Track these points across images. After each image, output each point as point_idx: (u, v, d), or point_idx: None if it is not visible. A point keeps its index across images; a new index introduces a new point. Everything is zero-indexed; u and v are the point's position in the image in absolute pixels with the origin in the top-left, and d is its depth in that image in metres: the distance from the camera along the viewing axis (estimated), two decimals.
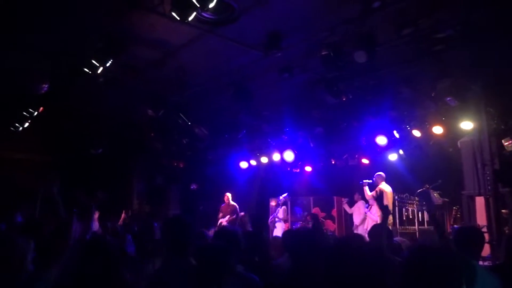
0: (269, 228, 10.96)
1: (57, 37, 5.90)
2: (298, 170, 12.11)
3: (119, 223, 8.69)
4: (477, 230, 3.98)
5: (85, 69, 5.56)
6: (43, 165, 10.03)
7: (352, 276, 1.58)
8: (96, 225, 9.38)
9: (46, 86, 6.24)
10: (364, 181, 9.18)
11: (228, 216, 10.40)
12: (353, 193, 10.60)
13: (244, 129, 9.88)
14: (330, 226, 11.34)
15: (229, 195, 10.67)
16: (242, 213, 11.17)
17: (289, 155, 10.52)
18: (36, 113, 7.67)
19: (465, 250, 3.21)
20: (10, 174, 9.24)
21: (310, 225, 9.12)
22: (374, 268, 1.62)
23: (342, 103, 7.40)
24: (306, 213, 11.05)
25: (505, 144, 6.74)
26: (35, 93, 6.38)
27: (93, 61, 5.53)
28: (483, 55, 5.81)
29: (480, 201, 6.79)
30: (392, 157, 10.07)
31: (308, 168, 11.97)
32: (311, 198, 12.15)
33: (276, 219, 10.94)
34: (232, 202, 10.58)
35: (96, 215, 9.43)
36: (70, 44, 6.04)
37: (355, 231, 9.73)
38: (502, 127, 6.76)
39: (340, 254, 1.65)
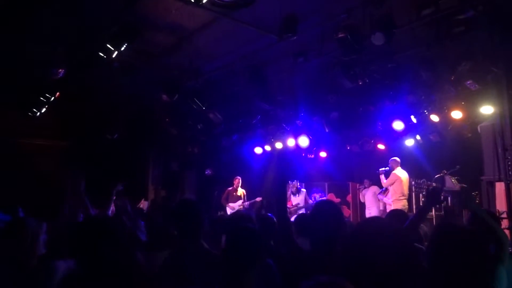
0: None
1: (72, 22, 5.91)
2: (312, 156, 12.03)
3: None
4: (491, 214, 3.89)
5: (100, 54, 5.56)
6: (62, 151, 10.18)
7: (373, 258, 1.54)
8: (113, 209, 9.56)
9: (62, 71, 6.28)
10: (381, 169, 9.07)
11: (241, 201, 10.40)
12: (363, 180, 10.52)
13: (258, 115, 9.83)
14: (345, 212, 11.30)
15: (239, 179, 10.62)
16: (260, 198, 11.16)
17: (304, 141, 10.45)
18: (52, 98, 7.75)
19: None
20: (30, 159, 9.41)
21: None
22: (396, 249, 1.56)
23: (358, 87, 7.28)
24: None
25: None
26: (51, 78, 6.43)
27: (108, 46, 5.52)
28: (505, 36, 5.62)
29: (500, 187, 6.64)
30: (409, 142, 9.92)
31: (323, 154, 11.89)
32: (326, 184, 12.11)
33: (296, 208, 10.76)
34: (241, 188, 10.56)
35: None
36: (85, 29, 6.05)
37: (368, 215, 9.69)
38: None
39: (361, 236, 1.60)
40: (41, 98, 7.76)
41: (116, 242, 2.15)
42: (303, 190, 10.86)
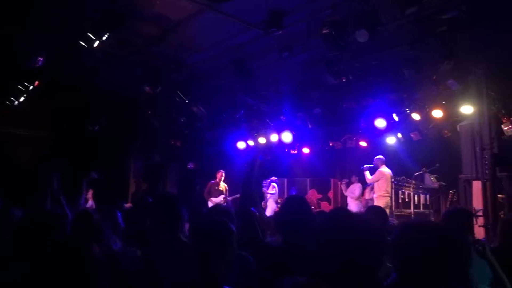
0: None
1: (53, 8, 5.76)
2: (295, 152, 12.09)
3: None
4: (464, 211, 3.96)
5: (81, 43, 5.44)
6: (43, 141, 9.97)
7: (342, 249, 1.51)
8: (91, 203, 9.40)
9: (41, 59, 6.11)
10: (365, 166, 9.17)
11: (223, 196, 10.38)
12: (350, 176, 10.64)
13: (242, 109, 9.79)
14: (326, 208, 11.40)
15: (222, 172, 10.62)
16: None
17: (287, 136, 10.47)
18: (31, 87, 7.55)
19: None
20: (9, 150, 9.19)
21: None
22: (365, 241, 1.54)
23: (341, 84, 7.32)
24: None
25: (505, 129, 6.72)
26: (30, 66, 6.25)
27: (89, 34, 5.40)
28: (487, 37, 5.72)
29: (477, 185, 6.79)
30: (391, 140, 10.06)
31: (305, 150, 11.95)
32: (308, 180, 12.19)
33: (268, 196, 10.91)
34: (223, 182, 10.55)
35: (90, 194, 9.44)
36: (66, 16, 5.90)
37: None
38: (503, 111, 6.72)
39: (330, 228, 1.59)
40: (20, 87, 7.55)
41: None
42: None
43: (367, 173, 9.03)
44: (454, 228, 2.76)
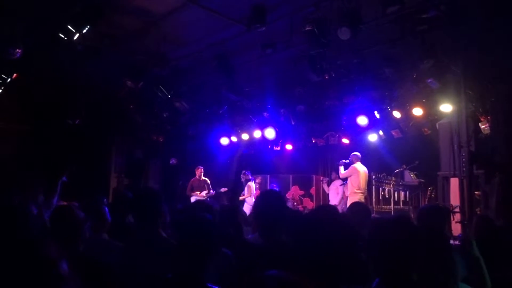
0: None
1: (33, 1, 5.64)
2: (279, 148, 12.13)
3: None
4: (439, 208, 4.05)
5: (60, 35, 5.33)
6: (20, 135, 9.77)
7: (322, 248, 1.55)
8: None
9: (19, 51, 5.97)
10: (341, 161, 9.30)
11: (206, 191, 10.38)
12: (331, 173, 10.76)
13: (225, 105, 9.78)
14: (309, 204, 11.49)
15: (202, 169, 10.61)
16: (225, 189, 11.17)
17: (270, 133, 10.51)
18: (9, 79, 7.38)
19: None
20: None
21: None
22: (345, 240, 1.59)
23: (324, 81, 7.38)
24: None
25: (482, 127, 6.88)
26: (7, 58, 6.10)
27: (69, 27, 5.30)
28: (465, 38, 5.84)
29: (454, 182, 6.95)
30: (372, 137, 10.19)
31: (288, 146, 12.01)
32: (291, 176, 12.25)
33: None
34: (203, 177, 10.55)
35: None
36: (46, 6, 5.77)
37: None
38: (480, 110, 6.87)
39: (310, 226, 1.62)
40: None
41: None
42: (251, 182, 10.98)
43: (341, 168, 9.15)
44: (429, 225, 2.82)
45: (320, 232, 1.55)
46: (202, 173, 10.52)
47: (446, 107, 7.72)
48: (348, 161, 9.09)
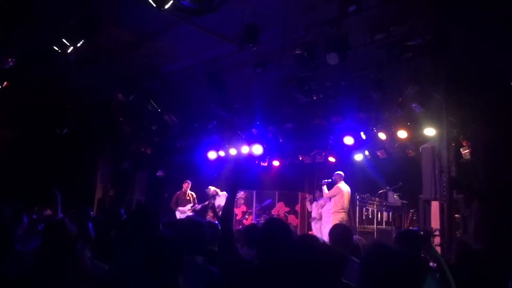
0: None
1: (28, 7, 5.68)
2: (266, 164, 12.22)
3: None
4: (416, 233, 4.16)
5: (55, 48, 5.39)
6: (6, 141, 9.70)
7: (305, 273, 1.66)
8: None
9: (12, 60, 6.00)
10: (324, 180, 9.40)
11: (191, 204, 10.37)
12: (315, 191, 10.85)
13: (214, 120, 9.87)
14: (293, 221, 11.56)
15: (189, 183, 10.60)
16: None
17: (257, 149, 10.61)
18: (0, 87, 7.38)
19: None
20: None
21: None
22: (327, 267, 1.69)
23: (312, 101, 7.54)
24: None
25: (463, 152, 7.07)
26: (0, 67, 6.13)
27: (64, 40, 5.36)
28: (448, 66, 6.07)
29: (435, 206, 7.10)
30: (358, 157, 10.36)
31: (275, 163, 12.11)
32: (277, 193, 12.33)
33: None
34: (190, 192, 10.56)
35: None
36: (42, 18, 5.83)
37: (313, 224, 9.99)
38: (461, 136, 7.08)
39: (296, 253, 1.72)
40: None
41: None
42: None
43: (324, 188, 9.24)
44: (406, 248, 2.94)
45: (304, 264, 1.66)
46: (189, 187, 10.54)
47: (429, 131, 7.93)
48: (330, 180, 9.18)
